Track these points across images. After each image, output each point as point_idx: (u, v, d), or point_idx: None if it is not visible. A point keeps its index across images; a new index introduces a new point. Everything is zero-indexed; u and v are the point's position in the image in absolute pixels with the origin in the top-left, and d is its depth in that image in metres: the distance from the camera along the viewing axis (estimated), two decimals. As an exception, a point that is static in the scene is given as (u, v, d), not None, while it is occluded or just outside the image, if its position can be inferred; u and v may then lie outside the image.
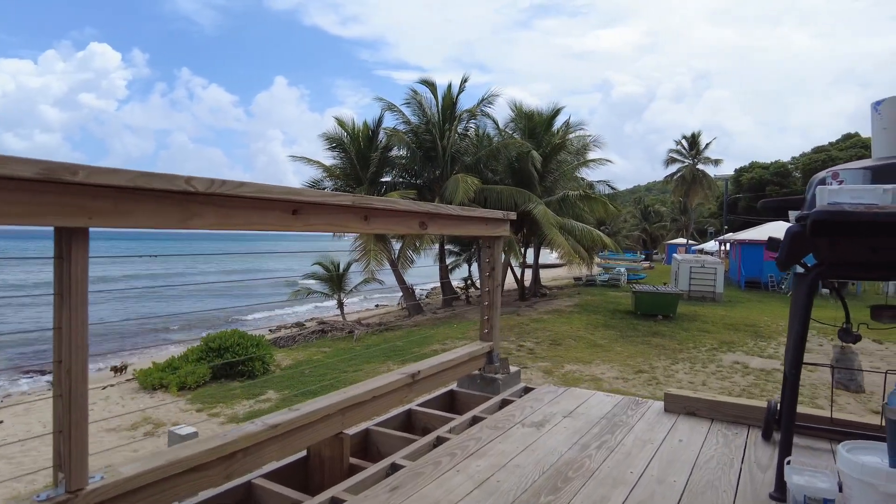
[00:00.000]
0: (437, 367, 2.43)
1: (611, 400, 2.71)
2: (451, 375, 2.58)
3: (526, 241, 22.54)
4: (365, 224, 1.97)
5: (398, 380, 2.21)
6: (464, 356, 2.66)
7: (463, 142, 19.94)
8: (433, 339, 14.54)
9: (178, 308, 29.60)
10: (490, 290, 2.93)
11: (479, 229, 2.60)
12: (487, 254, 2.93)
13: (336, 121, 19.07)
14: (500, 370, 2.88)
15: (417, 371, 2.32)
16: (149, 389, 11.55)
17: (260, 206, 1.59)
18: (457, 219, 2.41)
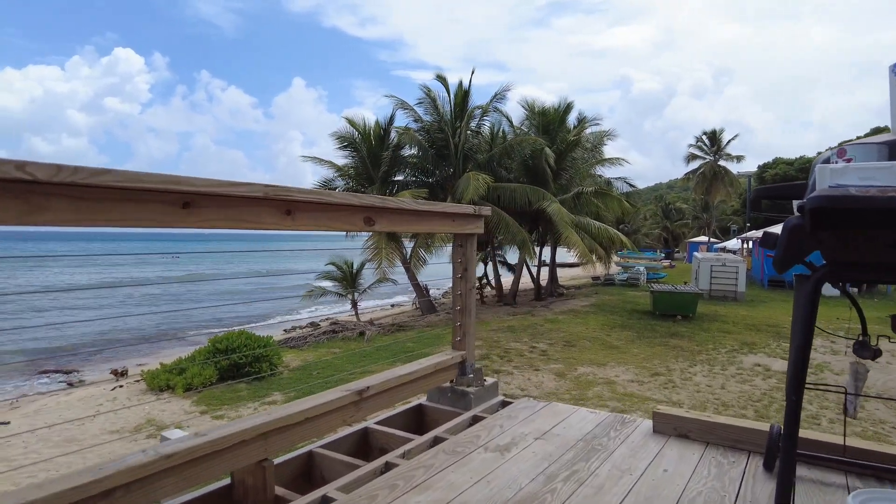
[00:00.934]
0: (392, 382, 2.15)
1: (594, 418, 2.40)
2: (413, 390, 2.30)
3: (541, 240, 22.14)
4: (287, 219, 1.69)
5: (340, 398, 1.93)
6: (428, 368, 2.37)
7: (475, 139, 19.62)
8: (444, 339, 14.26)
9: (196, 310, 29.78)
10: (462, 294, 2.63)
11: (443, 226, 2.32)
12: (459, 253, 2.64)
13: (347, 120, 18.91)
14: (473, 382, 2.59)
15: (366, 387, 2.04)
16: (156, 391, 11.47)
17: (135, 199, 1.32)
18: (412, 214, 2.13)
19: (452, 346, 2.70)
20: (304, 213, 1.74)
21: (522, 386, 9.79)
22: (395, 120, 18.92)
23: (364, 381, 2.09)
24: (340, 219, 1.84)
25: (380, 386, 2.08)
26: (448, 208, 2.35)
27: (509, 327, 15.23)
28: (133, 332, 23.37)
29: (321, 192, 1.73)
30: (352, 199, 1.83)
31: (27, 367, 16.49)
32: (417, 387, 2.31)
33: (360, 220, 1.91)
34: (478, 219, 2.53)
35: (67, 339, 22.13)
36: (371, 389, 2.05)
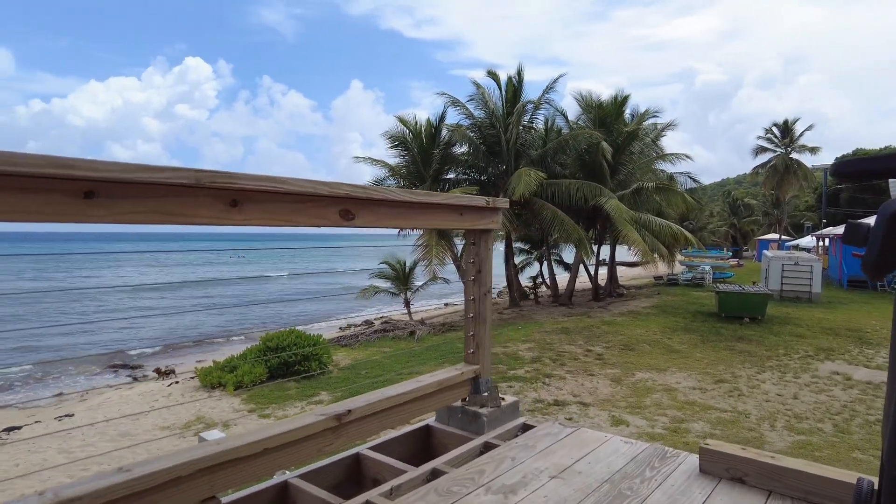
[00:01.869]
0: (382, 405, 1.83)
1: (628, 450, 1.99)
2: (410, 412, 1.97)
3: (599, 238, 21.34)
4: (233, 213, 1.39)
5: (311, 424, 1.63)
6: (429, 386, 2.03)
7: (528, 135, 19.06)
8: (495, 340, 13.87)
9: (259, 309, 30.61)
10: (476, 299, 2.28)
11: (447, 221, 1.97)
12: (472, 252, 2.28)
13: (398, 119, 18.78)
14: (488, 402, 2.23)
15: (346, 411, 1.73)
16: (208, 388, 11.65)
17: (13, 187, 1.05)
18: (405, 206, 1.79)
19: (465, 359, 2.36)
20: (256, 205, 1.44)
21: (575, 392, 9.29)
22: (446, 117, 18.66)
23: (346, 402, 1.78)
24: (306, 211, 1.53)
25: (365, 409, 1.77)
26: (453, 200, 2.00)
27: (564, 329, 14.67)
28: (197, 329, 24.20)
29: (278, 178, 1.43)
30: (320, 187, 1.51)
31: (100, 361, 17.30)
32: (416, 409, 1.98)
33: (334, 214, 1.60)
34: (492, 212, 2.17)
35: (138, 335, 23.15)
36: (354, 413, 1.73)
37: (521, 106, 18.01)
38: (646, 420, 7.69)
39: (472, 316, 2.29)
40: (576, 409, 8.38)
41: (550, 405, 8.61)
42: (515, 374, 10.35)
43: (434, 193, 1.88)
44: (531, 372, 10.56)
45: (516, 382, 9.82)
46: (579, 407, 8.47)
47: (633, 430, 7.24)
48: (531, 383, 9.80)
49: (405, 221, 1.80)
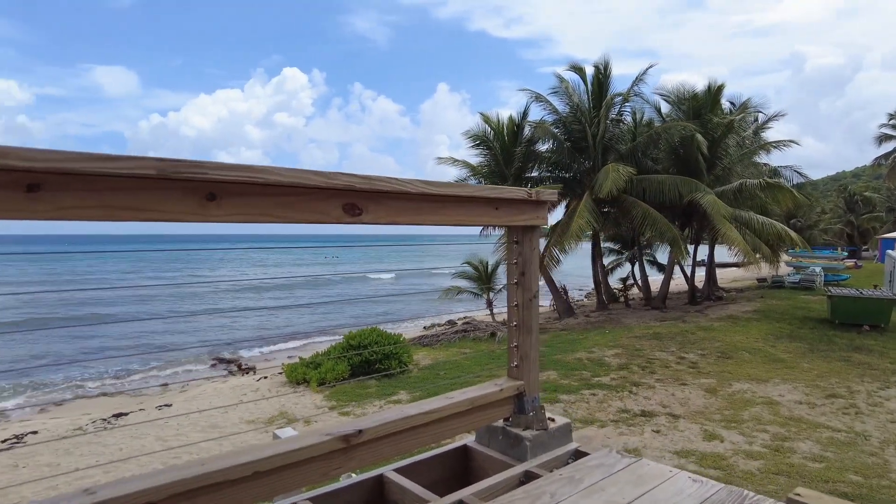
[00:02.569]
0: (400, 424, 1.60)
1: (697, 491, 1.62)
2: (437, 434, 1.74)
3: (696, 237, 20.04)
4: (211, 207, 1.22)
5: (316, 445, 1.44)
6: (461, 405, 1.78)
7: (616, 129, 18.19)
8: (579, 345, 13.34)
9: (349, 307, 31.54)
10: (520, 305, 2.01)
11: (479, 216, 1.71)
12: (514, 252, 2.01)
13: (481, 117, 18.54)
14: (533, 423, 1.95)
15: (357, 431, 1.52)
16: (293, 383, 12.01)
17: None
18: (425, 200, 1.55)
19: (508, 372, 2.09)
20: (238, 199, 1.26)
21: (665, 402, 8.66)
22: (529, 113, 18.22)
23: (357, 421, 1.58)
24: (298, 206, 1.34)
25: (379, 430, 1.55)
26: (485, 192, 1.74)
27: (655, 334, 13.85)
28: (291, 327, 25.27)
29: (259, 167, 1.24)
30: (313, 177, 1.32)
31: (202, 356, 18.47)
32: (443, 430, 1.75)
33: (335, 209, 1.40)
34: (535, 206, 1.89)
35: (237, 332, 24.54)
36: (365, 434, 1.53)
37: (609, 99, 17.22)
38: (743, 436, 6.99)
39: (515, 324, 2.02)
40: (664, 420, 7.79)
41: (636, 416, 8.06)
42: (600, 382, 9.83)
43: (461, 184, 1.64)
44: (617, 380, 10.00)
45: (600, 390, 9.31)
46: (668, 419, 7.86)
47: (728, 447, 6.60)
48: (616, 392, 9.26)
49: (426, 217, 1.57)
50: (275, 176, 1.30)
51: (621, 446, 6.85)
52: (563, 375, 10.46)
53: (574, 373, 10.61)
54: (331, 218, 1.41)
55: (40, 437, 9.64)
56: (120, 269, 55.57)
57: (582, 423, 7.78)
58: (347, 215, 1.44)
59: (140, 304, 29.69)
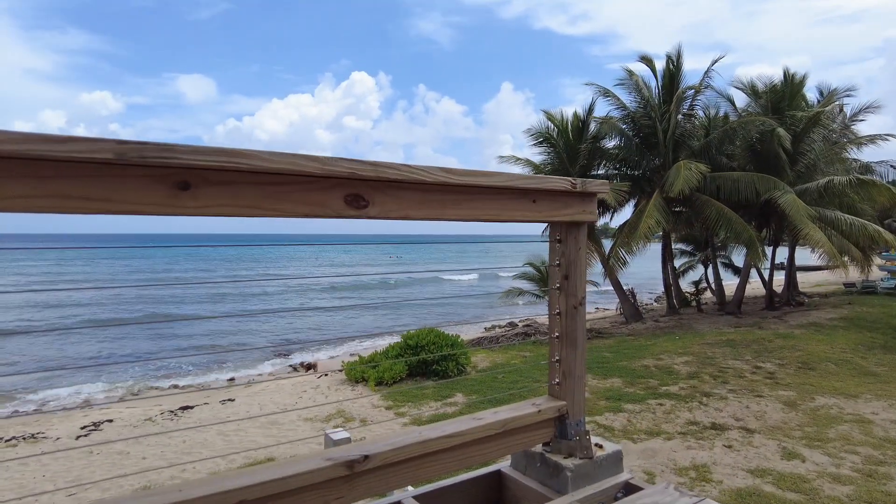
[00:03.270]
0: (414, 450, 1.38)
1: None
2: (459, 460, 1.50)
3: (775, 238, 18.78)
4: (184, 198, 1.05)
5: (314, 471, 1.24)
6: (490, 426, 1.54)
7: (688, 124, 17.27)
8: (647, 351, 12.72)
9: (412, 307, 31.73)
10: (563, 314, 1.75)
11: (509, 210, 1.46)
12: (557, 253, 1.75)
13: (545, 114, 18.09)
14: (577, 451, 1.69)
15: (363, 457, 1.31)
16: (352, 382, 12.07)
17: None
18: (444, 191, 1.32)
19: (549, 391, 1.83)
20: (216, 188, 1.08)
21: (738, 415, 8.05)
22: (594, 109, 17.59)
23: (364, 445, 1.37)
24: (291, 196, 1.14)
25: (389, 455, 1.34)
26: (520, 181, 1.48)
27: (729, 341, 13.03)
28: (352, 326, 25.65)
29: (241, 151, 1.06)
30: (308, 163, 1.12)
31: (269, 352, 19.02)
32: (466, 456, 1.51)
33: (336, 200, 1.20)
34: (581, 199, 1.62)
35: (303, 330, 25.16)
36: (372, 460, 1.32)
37: (680, 92, 16.38)
38: (829, 457, 6.35)
39: (557, 336, 1.77)
40: (737, 435, 7.21)
41: (706, 429, 7.52)
42: (667, 391, 9.29)
43: (490, 173, 1.40)
44: (686, 389, 9.42)
45: (667, 400, 8.78)
46: (742, 433, 7.28)
47: (811, 468, 5.99)
48: (685, 402, 8.70)
49: (447, 211, 1.34)
50: (262, 161, 1.11)
51: (689, 462, 6.38)
52: (628, 383, 9.97)
53: (640, 381, 10.10)
54: (331, 211, 1.22)
55: (114, 425, 10.10)
56: (196, 268, 58.39)
57: (647, 435, 7.33)
58: (350, 208, 1.24)
59: (212, 303, 30.97)
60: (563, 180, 1.59)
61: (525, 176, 1.54)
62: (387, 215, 1.29)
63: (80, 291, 38.53)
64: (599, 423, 7.90)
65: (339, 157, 1.19)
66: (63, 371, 16.36)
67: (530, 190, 1.54)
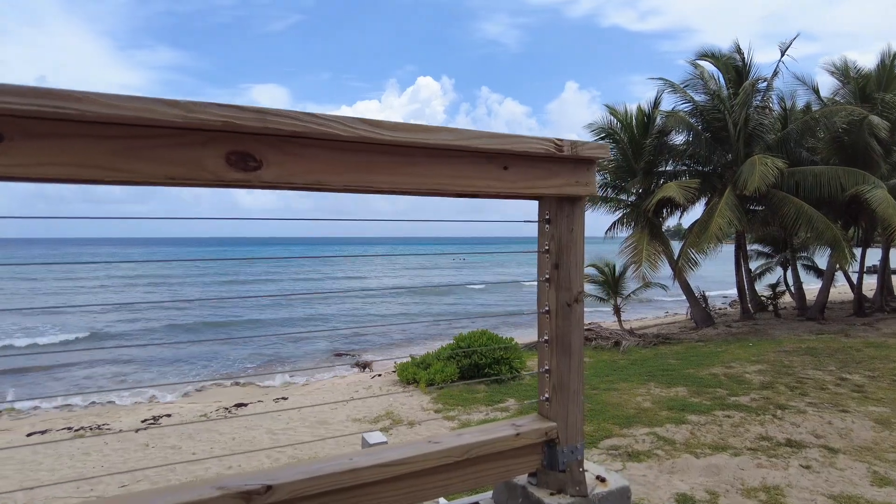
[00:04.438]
0: (336, 480, 1.06)
1: None
2: (399, 496, 1.17)
3: (865, 238, 17.19)
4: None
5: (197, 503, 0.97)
6: (449, 452, 1.21)
7: (762, 116, 16.04)
8: (716, 359, 11.87)
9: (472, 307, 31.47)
10: (552, 312, 1.39)
11: (466, 178, 1.10)
12: (546, 236, 1.40)
13: (607, 109, 17.33)
14: (568, 486, 1.32)
15: (264, 487, 1.01)
16: (403, 383, 11.91)
17: None
18: (377, 150, 1.01)
19: (539, 408, 1.48)
20: (39, 144, 0.82)
21: (819, 432, 7.24)
22: (660, 103, 16.68)
23: (268, 472, 1.07)
24: (153, 155, 0.86)
25: (299, 487, 1.03)
26: (482, 141, 1.12)
27: (809, 349, 11.97)
28: (411, 328, 25.65)
29: (76, 94, 0.79)
30: (167, 109, 0.83)
31: (328, 353, 19.29)
32: (422, 489, 1.18)
33: (213, 160, 0.91)
34: (573, 166, 1.24)
35: (361, 331, 25.40)
36: (277, 492, 1.02)
37: (751, 83, 15.24)
38: (931, 485, 5.54)
39: (546, 340, 1.41)
40: (817, 454, 6.46)
41: (780, 445, 6.80)
42: (737, 402, 8.54)
43: (434, 127, 1.05)
44: (759, 400, 8.62)
45: (736, 412, 8.06)
46: (823, 452, 6.52)
47: (907, 498, 5.23)
48: (757, 414, 7.95)
49: (377, 177, 1.01)
50: (100, 107, 0.84)
51: (758, 482, 5.75)
52: (693, 393, 9.28)
53: (707, 390, 9.38)
54: (208, 174, 0.93)
55: (171, 420, 10.38)
56: (267, 272, 60.53)
57: (711, 450, 6.70)
58: (235, 170, 0.95)
59: (280, 307, 31.78)
60: (545, 141, 1.23)
61: (488, 133, 1.19)
62: (289, 180, 0.99)
63: (155, 292, 40.73)
64: (659, 434, 7.33)
65: (210, 103, 0.90)
66: (138, 366, 17.17)
67: (499, 153, 1.20)
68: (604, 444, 7.10)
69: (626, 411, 8.42)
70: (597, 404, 8.95)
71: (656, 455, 6.62)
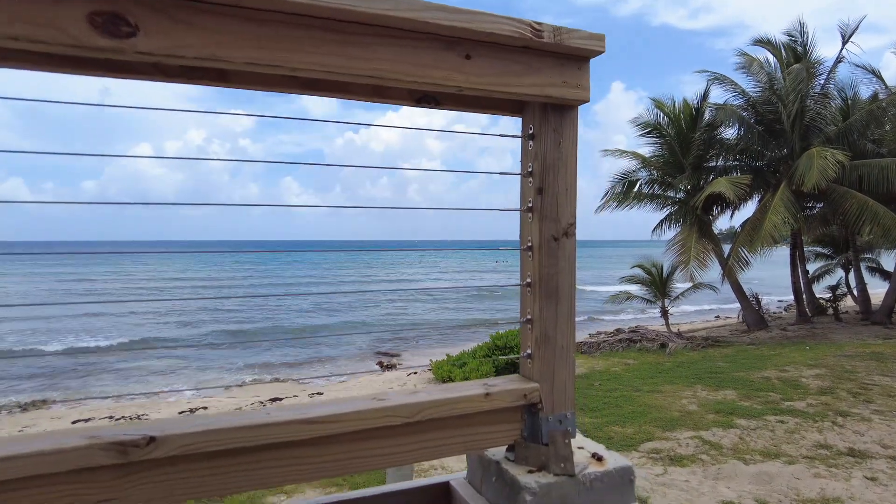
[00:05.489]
0: (246, 437, 0.84)
1: None
2: (343, 460, 0.94)
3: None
4: None
5: (65, 452, 0.74)
6: (395, 411, 0.96)
7: (821, 107, 15.06)
8: (769, 362, 11.17)
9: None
10: (535, 248, 1.13)
11: (420, 67, 0.87)
12: (529, 154, 1.13)
13: (653, 102, 16.68)
14: (550, 462, 1.05)
15: (147, 439, 0.79)
16: (438, 381, 11.70)
17: None
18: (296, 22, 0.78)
19: (520, 367, 1.22)
20: None
21: (886, 441, 6.63)
22: (709, 96, 15.94)
23: (154, 423, 0.85)
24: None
25: (190, 442, 0.80)
26: (429, 15, 0.84)
27: (874, 354, 11.14)
28: (451, 325, 25.45)
29: None
30: None
31: (367, 349, 19.30)
32: (360, 455, 0.94)
33: (75, 22, 0.71)
34: (560, 62, 0.97)
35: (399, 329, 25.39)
36: (161, 447, 0.79)
37: (810, 71, 14.35)
38: None
39: (528, 283, 1.15)
40: (884, 465, 5.89)
41: (841, 454, 6.24)
42: (791, 407, 7.94)
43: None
44: (816, 406, 8.00)
45: (791, 417, 7.48)
46: (891, 464, 5.94)
47: None
48: (814, 421, 7.36)
49: (296, 56, 0.79)
50: None
51: (816, 492, 5.26)
52: (743, 396, 8.71)
53: (758, 394, 8.78)
54: (65, 37, 0.72)
55: (206, 412, 10.46)
56: (308, 275, 61.50)
57: (762, 456, 6.21)
58: (101, 35, 0.74)
59: (320, 311, 32.09)
60: (517, 22, 0.97)
61: (439, 5, 0.92)
62: (174, 53, 0.77)
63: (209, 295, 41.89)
64: (705, 438, 6.87)
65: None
66: (185, 363, 17.57)
67: (458, 37, 0.95)
68: (644, 447, 6.69)
69: (669, 414, 7.95)
70: (638, 406, 8.50)
71: (701, 460, 6.18)
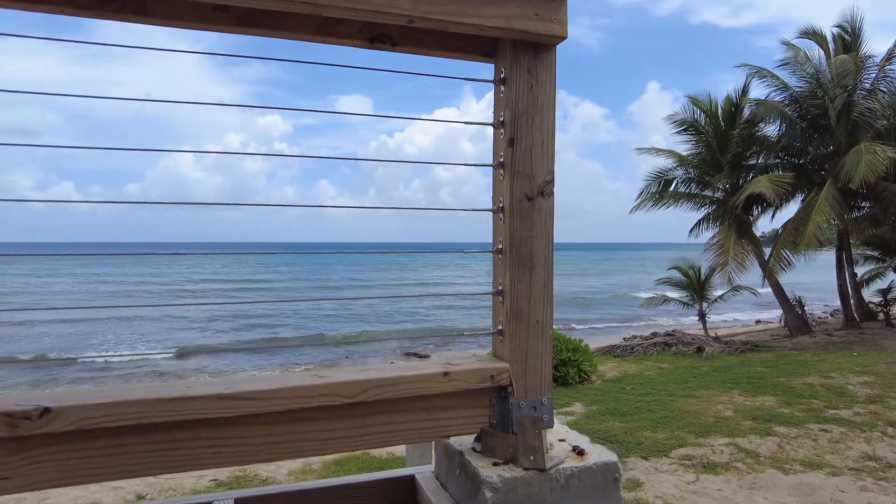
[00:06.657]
0: (151, 412, 0.73)
1: None
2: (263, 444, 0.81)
3: None
4: None
5: None
6: (336, 390, 0.83)
7: (870, 101, 14.32)
8: (812, 368, 10.66)
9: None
10: (507, 210, 0.97)
11: None
12: (501, 102, 0.98)
13: (689, 99, 16.19)
14: (520, 454, 0.90)
15: (40, 409, 0.68)
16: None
17: None
18: None
19: (493, 346, 1.07)
20: None
21: (939, 454, 6.18)
22: (748, 91, 15.36)
23: (50, 394, 0.73)
24: None
25: (98, 415, 0.68)
26: None
27: (928, 361, 10.50)
28: (478, 326, 25.30)
29: None
30: None
31: (397, 348, 19.37)
32: (287, 439, 0.81)
33: None
34: None
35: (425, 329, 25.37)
36: (59, 419, 0.67)
37: (859, 62, 13.68)
38: None
39: (499, 249, 1.00)
40: (938, 480, 5.48)
41: (891, 467, 5.85)
42: (836, 416, 7.51)
43: None
44: (864, 415, 7.55)
45: (836, 426, 7.07)
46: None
47: None
48: (861, 430, 6.93)
49: None
50: None
51: (862, 507, 4.91)
52: (783, 403, 8.30)
53: (800, 401, 8.36)
54: None
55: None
56: (348, 276, 62.10)
57: (803, 467, 5.87)
58: None
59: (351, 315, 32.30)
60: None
61: None
62: None
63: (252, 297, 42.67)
64: (741, 446, 6.54)
65: None
66: (220, 363, 17.90)
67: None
68: (676, 453, 6.40)
69: (703, 419, 7.62)
70: (671, 411, 8.19)
71: (736, 468, 5.86)
